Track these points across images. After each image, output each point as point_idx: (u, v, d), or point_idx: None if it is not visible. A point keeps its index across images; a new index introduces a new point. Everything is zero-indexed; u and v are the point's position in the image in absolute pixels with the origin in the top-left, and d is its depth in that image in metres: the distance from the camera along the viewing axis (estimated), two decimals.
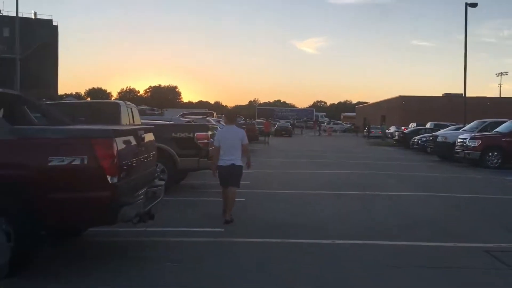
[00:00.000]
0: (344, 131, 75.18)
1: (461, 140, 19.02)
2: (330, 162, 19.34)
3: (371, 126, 58.11)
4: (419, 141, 27.01)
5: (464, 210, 9.26)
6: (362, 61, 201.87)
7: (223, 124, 23.49)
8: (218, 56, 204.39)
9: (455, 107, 60.98)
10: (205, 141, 10.33)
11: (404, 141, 32.30)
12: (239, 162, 7.52)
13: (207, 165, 10.39)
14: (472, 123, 22.25)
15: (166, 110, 48.15)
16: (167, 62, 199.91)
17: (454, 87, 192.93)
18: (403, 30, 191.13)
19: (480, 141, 17.94)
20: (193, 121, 16.73)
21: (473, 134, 19.06)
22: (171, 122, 12.78)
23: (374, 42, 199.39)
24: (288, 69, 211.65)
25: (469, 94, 67.28)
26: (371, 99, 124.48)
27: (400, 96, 67.10)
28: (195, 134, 10.30)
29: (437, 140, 21.49)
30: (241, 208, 8.32)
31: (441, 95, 70.27)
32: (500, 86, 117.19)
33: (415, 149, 28.02)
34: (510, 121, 19.18)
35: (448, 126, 34.67)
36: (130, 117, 11.09)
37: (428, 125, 37.50)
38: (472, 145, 18.12)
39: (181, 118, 18.23)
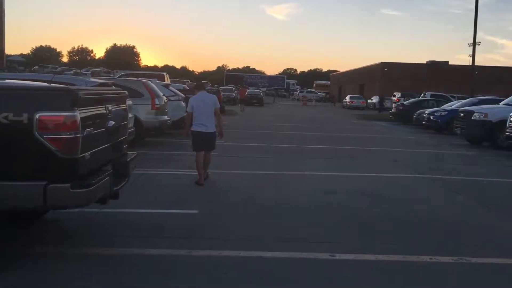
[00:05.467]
0: (319, 100, 68.94)
1: None
2: (329, 150, 13.09)
3: (352, 96, 52.26)
4: (431, 117, 21.06)
5: None
6: (332, 29, 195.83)
7: (173, 90, 16.88)
8: (185, 21, 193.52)
9: (440, 75, 56.13)
10: (66, 135, 3.73)
11: (403, 115, 26.37)
12: (213, 128, 7.78)
13: (75, 201, 3.87)
14: None
15: (117, 71, 40.38)
16: (129, 24, 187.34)
17: (425, 55, 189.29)
18: None
19: None
20: (112, 83, 9.98)
21: None
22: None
23: (344, 10, 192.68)
24: (258, 35, 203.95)
25: (450, 62, 62.88)
26: (342, 68, 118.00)
27: (382, 62, 61.08)
28: (37, 116, 3.68)
29: (473, 118, 15.44)
30: None
31: (424, 62, 64.80)
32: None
33: (421, 126, 22.19)
34: None
35: (450, 98, 29.03)
36: None
37: (424, 96, 31.88)
38: None
39: (97, 81, 11.34)
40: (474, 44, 30.85)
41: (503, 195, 7.88)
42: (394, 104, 30.38)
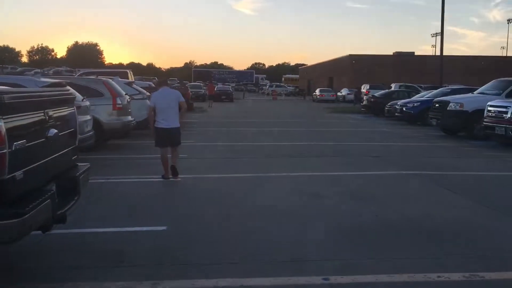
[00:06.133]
0: (289, 94, 68.64)
1: (495, 109, 12.75)
2: (306, 147, 12.45)
3: (322, 89, 51.95)
4: (404, 108, 20.78)
5: None
6: (299, 22, 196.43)
7: (137, 88, 15.88)
8: (151, 17, 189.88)
9: (406, 66, 56.42)
10: None
11: (375, 107, 26.06)
12: (176, 124, 7.64)
13: (3, 235, 3.03)
14: (490, 83, 16.05)
15: (79, 70, 38.60)
16: (91, 21, 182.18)
17: (391, 47, 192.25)
18: None
19: None
20: (67, 83, 8.98)
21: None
22: None
23: (310, 3, 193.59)
24: (225, 30, 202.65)
25: (414, 53, 63.35)
26: (310, 61, 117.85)
27: (350, 55, 61.09)
28: None
29: (448, 108, 15.09)
30: None
31: (391, 53, 65.14)
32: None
33: (394, 118, 21.88)
34: None
35: (418, 88, 28.90)
36: None
37: (393, 87, 31.75)
38: None
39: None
40: (442, 34, 30.93)
41: (498, 191, 7.37)
42: (365, 96, 30.06)
